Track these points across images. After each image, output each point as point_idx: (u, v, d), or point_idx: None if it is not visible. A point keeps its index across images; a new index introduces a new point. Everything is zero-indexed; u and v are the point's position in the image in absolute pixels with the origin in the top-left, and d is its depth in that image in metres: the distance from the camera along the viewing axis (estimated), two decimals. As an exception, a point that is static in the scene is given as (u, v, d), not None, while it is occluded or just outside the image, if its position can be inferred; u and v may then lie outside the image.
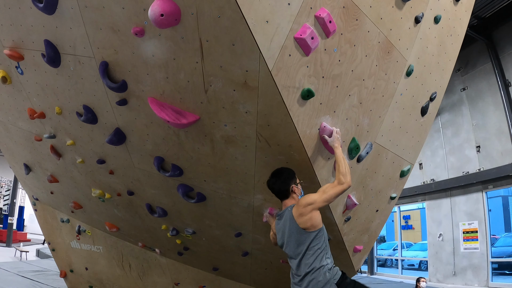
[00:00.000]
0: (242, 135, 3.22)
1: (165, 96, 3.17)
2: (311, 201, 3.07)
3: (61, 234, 8.27)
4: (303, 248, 3.09)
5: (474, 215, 13.53)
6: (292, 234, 3.15)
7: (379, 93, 3.56)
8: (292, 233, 3.14)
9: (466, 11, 4.58)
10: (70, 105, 4.14)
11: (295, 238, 3.13)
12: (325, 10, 2.79)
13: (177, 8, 2.54)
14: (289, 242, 3.19)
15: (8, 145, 6.52)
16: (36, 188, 7.44)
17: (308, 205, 3.06)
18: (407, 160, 4.48)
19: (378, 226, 4.83)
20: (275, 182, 3.25)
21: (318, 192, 3.15)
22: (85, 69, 3.52)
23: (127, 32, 2.88)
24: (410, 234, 18.48)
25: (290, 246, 3.18)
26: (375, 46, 3.31)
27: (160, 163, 3.98)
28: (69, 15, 3.13)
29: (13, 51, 3.90)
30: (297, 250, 3.12)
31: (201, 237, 5.29)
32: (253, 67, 2.65)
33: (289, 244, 3.19)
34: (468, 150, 13.97)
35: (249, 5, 2.41)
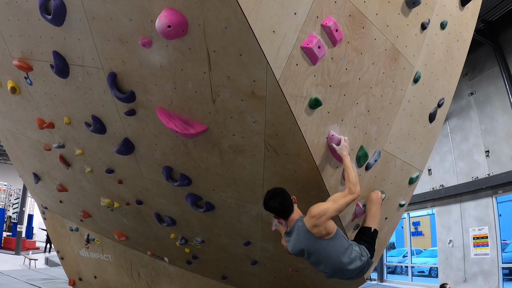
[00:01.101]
0: (250, 144, 3.22)
1: (173, 106, 3.18)
2: (323, 212, 3.08)
3: (70, 243, 8.32)
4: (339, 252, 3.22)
5: (484, 220, 13.37)
6: (319, 248, 3.20)
7: (387, 101, 3.55)
8: (319, 247, 3.19)
9: (472, 16, 4.56)
10: (79, 115, 4.18)
11: (325, 249, 3.20)
12: (331, 19, 2.79)
13: (184, 19, 2.56)
14: (319, 256, 3.25)
15: (17, 155, 6.58)
16: (45, 197, 7.50)
17: (321, 216, 3.07)
18: (415, 167, 4.45)
19: (388, 233, 4.80)
20: (280, 202, 3.22)
21: (328, 201, 3.17)
22: (93, 79, 3.55)
23: (135, 43, 2.91)
24: (420, 241, 18.29)
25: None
26: (382, 54, 3.31)
27: (169, 173, 3.99)
28: (77, 26, 3.17)
29: (22, 62, 3.96)
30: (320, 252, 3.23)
31: (210, 246, 5.29)
32: (260, 77, 2.66)
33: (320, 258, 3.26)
34: (477, 155, 13.83)
35: (255, 16, 2.43)
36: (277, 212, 3.28)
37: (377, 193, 3.77)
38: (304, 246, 3.24)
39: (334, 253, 3.22)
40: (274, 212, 3.28)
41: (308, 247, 3.23)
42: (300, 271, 4.95)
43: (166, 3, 2.56)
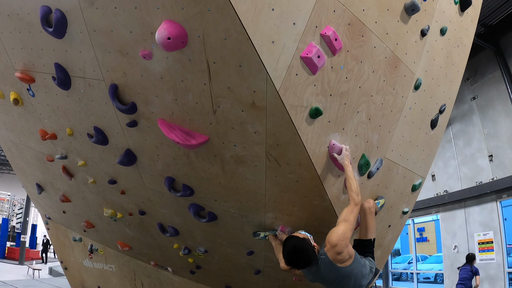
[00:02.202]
0: (251, 154, 3.22)
1: (174, 118, 3.19)
2: (342, 236, 3.04)
3: (73, 253, 8.32)
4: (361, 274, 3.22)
5: (489, 225, 13.29)
6: (342, 275, 3.15)
7: (388, 108, 3.55)
8: (343, 273, 3.14)
9: (472, 21, 4.57)
10: (81, 127, 4.20)
11: (348, 275, 3.17)
12: (330, 28, 2.81)
13: (184, 31, 2.58)
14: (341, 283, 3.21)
15: (20, 165, 6.61)
16: (49, 207, 7.51)
17: (341, 241, 3.03)
18: (418, 174, 4.43)
19: (391, 241, 4.78)
20: (307, 258, 3.09)
21: (340, 223, 3.12)
22: (95, 91, 3.58)
23: (136, 55, 2.93)
24: (425, 247, 18.18)
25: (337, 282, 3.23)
26: (382, 62, 3.31)
27: (171, 183, 3.99)
28: (78, 38, 3.20)
29: (24, 74, 3.99)
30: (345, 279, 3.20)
31: (213, 256, 5.27)
32: (260, 88, 2.67)
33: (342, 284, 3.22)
34: (481, 160, 13.78)
35: (254, 27, 2.44)
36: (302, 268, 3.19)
37: (369, 202, 3.70)
38: (328, 278, 3.19)
39: (358, 276, 3.20)
40: (299, 268, 3.19)
41: (333, 278, 3.18)
42: (304, 280, 4.93)
43: (166, 15, 2.58)
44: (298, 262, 3.08)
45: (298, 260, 3.06)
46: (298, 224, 3.81)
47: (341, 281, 3.18)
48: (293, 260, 3.07)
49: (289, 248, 3.07)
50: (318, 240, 3.38)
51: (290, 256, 3.07)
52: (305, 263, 3.08)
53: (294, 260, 3.07)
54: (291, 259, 3.08)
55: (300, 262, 3.07)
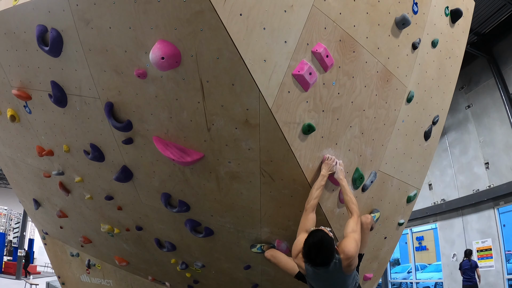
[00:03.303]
0: (246, 171, 3.25)
1: (169, 135, 3.22)
2: (356, 248, 3.02)
3: (71, 268, 8.29)
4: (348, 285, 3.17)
5: (487, 232, 13.28)
6: (340, 283, 3.12)
7: (381, 122, 3.58)
8: (341, 281, 3.12)
9: (464, 32, 4.62)
10: (78, 144, 4.22)
11: (342, 281, 3.12)
12: (321, 45, 2.85)
13: (177, 50, 2.62)
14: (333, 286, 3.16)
15: (17, 181, 6.62)
16: (46, 222, 7.50)
17: (356, 253, 3.00)
18: (413, 185, 4.46)
19: (388, 252, 4.78)
20: (328, 257, 2.92)
21: (351, 236, 3.06)
22: (91, 109, 3.61)
23: (130, 74, 2.97)
24: (425, 255, 18.10)
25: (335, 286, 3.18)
26: (373, 76, 3.36)
27: (167, 199, 4.01)
28: (74, 57, 3.25)
29: (21, 91, 4.02)
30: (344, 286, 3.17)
31: (211, 270, 5.27)
32: (253, 105, 2.71)
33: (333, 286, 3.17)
34: (477, 168, 13.81)
35: (246, 46, 2.48)
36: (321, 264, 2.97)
37: (367, 217, 3.68)
38: (330, 283, 3.12)
39: (350, 284, 3.18)
40: (321, 265, 2.97)
41: (334, 285, 3.12)
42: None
43: (159, 35, 2.63)
44: (318, 257, 2.87)
45: (319, 255, 2.86)
46: (294, 239, 3.81)
47: (340, 283, 3.14)
48: (313, 254, 2.86)
49: (316, 240, 2.86)
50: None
51: (313, 248, 2.85)
52: (324, 261, 2.90)
53: (315, 254, 2.86)
54: (312, 252, 2.86)
55: (320, 257, 2.87)
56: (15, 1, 3.28)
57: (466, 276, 10.65)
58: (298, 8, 2.67)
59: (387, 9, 3.34)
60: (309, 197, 3.14)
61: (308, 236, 2.92)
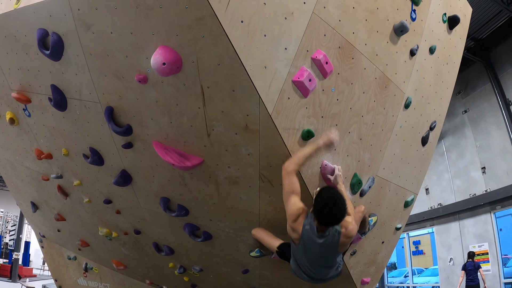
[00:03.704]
0: (245, 176, 3.27)
1: (169, 140, 3.24)
2: (356, 231, 3.09)
3: (68, 271, 8.26)
4: (333, 264, 3.18)
5: (483, 237, 13.32)
6: (329, 259, 3.10)
7: (379, 128, 3.61)
8: (330, 258, 3.10)
9: (461, 38, 4.65)
10: (77, 147, 4.23)
11: (331, 258, 3.11)
12: (321, 52, 2.88)
13: (178, 56, 2.64)
14: (321, 259, 3.08)
15: (15, 184, 6.60)
16: (43, 225, 7.47)
17: (355, 235, 3.08)
18: (410, 190, 4.48)
19: (385, 257, 4.80)
20: (340, 216, 2.86)
21: (350, 218, 3.06)
22: (91, 113, 3.62)
23: (131, 79, 2.99)
24: (421, 260, 18.12)
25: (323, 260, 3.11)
26: (372, 82, 3.38)
27: (166, 204, 4.03)
28: (74, 61, 3.26)
29: (20, 94, 4.03)
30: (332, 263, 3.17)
31: (209, 274, 5.28)
32: (253, 111, 2.73)
33: (322, 260, 3.09)
34: (474, 172, 13.87)
35: (247, 52, 2.51)
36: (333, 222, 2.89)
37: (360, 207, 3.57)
38: (320, 256, 3.04)
39: (334, 267, 3.18)
40: (333, 224, 2.89)
41: (323, 259, 3.08)
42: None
43: (161, 41, 2.65)
44: (332, 213, 2.79)
45: (333, 211, 2.78)
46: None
47: (325, 264, 3.13)
48: (328, 210, 2.77)
49: (330, 195, 2.81)
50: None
51: (327, 203, 2.77)
52: (338, 217, 2.83)
53: (329, 210, 2.77)
54: (326, 208, 2.77)
55: (334, 213, 2.79)
56: (16, 4, 3.28)
57: (470, 276, 10.97)
58: (298, 15, 2.70)
59: (385, 16, 3.36)
60: (296, 159, 2.88)
61: (320, 193, 2.89)
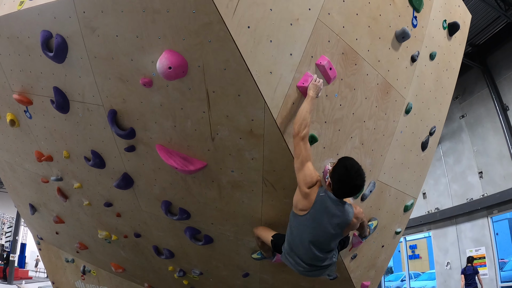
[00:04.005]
0: (248, 180, 3.28)
1: (172, 144, 3.25)
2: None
3: (65, 274, 8.23)
4: (331, 248, 3.09)
5: (480, 241, 13.38)
6: (334, 234, 2.99)
7: (380, 133, 3.64)
8: (335, 233, 2.99)
9: (460, 45, 4.70)
10: (78, 150, 4.22)
11: (334, 237, 3.02)
12: (325, 58, 2.91)
13: (184, 61, 2.66)
14: (325, 235, 2.98)
15: (14, 185, 6.57)
16: (41, 228, 7.44)
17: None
18: (410, 194, 4.52)
19: (385, 261, 4.83)
20: (361, 185, 2.86)
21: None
22: (93, 116, 3.62)
23: (136, 82, 3.00)
24: (418, 264, 18.19)
25: (325, 239, 3.00)
26: (374, 88, 3.42)
27: (168, 207, 4.03)
28: (78, 64, 3.26)
29: (22, 96, 4.01)
30: (329, 247, 3.08)
31: (208, 278, 5.27)
32: (258, 116, 2.75)
33: (324, 236, 2.99)
34: (471, 177, 13.94)
35: (253, 58, 2.53)
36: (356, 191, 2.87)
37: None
38: (323, 233, 2.95)
39: (333, 248, 3.12)
40: (353, 193, 2.88)
41: (326, 239, 2.99)
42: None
43: (167, 45, 2.66)
44: (358, 178, 2.81)
45: (359, 176, 2.81)
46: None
47: (325, 245, 3.04)
48: (354, 173, 2.79)
49: (353, 162, 2.85)
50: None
51: (353, 168, 2.80)
52: (362, 183, 2.85)
53: (356, 174, 2.79)
54: (352, 171, 2.79)
55: (360, 178, 2.81)
56: (20, 5, 3.26)
57: (469, 281, 11.33)
58: (304, 22, 2.73)
59: (388, 23, 3.40)
60: (302, 121, 2.74)
61: (341, 160, 2.88)
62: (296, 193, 2.92)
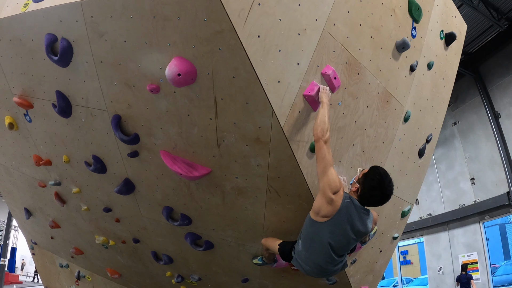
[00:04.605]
0: (253, 186, 3.32)
1: (177, 150, 3.27)
2: None
3: (59, 279, 8.14)
4: (347, 252, 3.20)
5: (472, 246, 13.54)
6: (355, 239, 3.07)
7: (380, 140, 3.71)
8: (356, 239, 3.07)
9: (456, 54, 4.80)
10: (79, 155, 4.20)
11: (355, 242, 3.10)
12: (330, 67, 2.96)
13: (194, 68, 2.68)
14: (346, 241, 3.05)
15: (9, 189, 6.49)
16: (36, 232, 7.35)
17: None
18: (407, 200, 4.59)
19: (382, 265, 4.88)
20: (391, 192, 2.99)
21: None
22: (96, 121, 3.61)
23: (142, 88, 3.00)
24: (409, 269, 18.31)
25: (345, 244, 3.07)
26: (375, 97, 3.49)
27: (169, 213, 4.03)
28: (83, 69, 3.24)
29: (22, 99, 3.96)
30: (347, 251, 3.18)
31: (207, 284, 5.27)
32: (265, 124, 2.79)
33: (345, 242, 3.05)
34: (463, 183, 14.12)
35: (262, 67, 2.57)
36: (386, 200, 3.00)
37: None
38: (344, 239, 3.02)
39: (348, 250, 3.20)
40: (382, 202, 3.00)
41: (346, 244, 3.06)
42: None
43: (176, 52, 2.68)
44: (390, 186, 2.95)
45: (391, 184, 2.94)
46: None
47: (345, 249, 3.12)
48: (387, 181, 2.93)
49: (387, 173, 2.96)
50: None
51: (386, 176, 2.93)
52: (388, 197, 2.98)
53: (388, 182, 2.93)
54: (386, 179, 2.92)
55: (391, 186, 2.95)
56: (24, 7, 3.23)
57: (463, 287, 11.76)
58: (311, 32, 2.78)
59: (389, 33, 3.47)
60: (324, 125, 2.78)
61: (375, 168, 3.01)
62: (318, 199, 2.91)
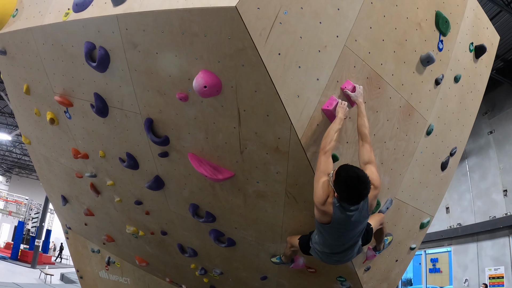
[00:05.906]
0: (272, 191, 3.49)
1: (204, 153, 3.49)
2: (379, 178, 3.10)
3: (90, 263, 8.50)
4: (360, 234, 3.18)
5: (500, 260, 13.18)
6: (362, 223, 3.07)
7: (400, 153, 3.76)
8: (360, 229, 3.09)
9: (487, 67, 4.68)
10: (114, 151, 4.48)
11: (363, 226, 3.11)
12: (350, 82, 3.07)
13: (219, 81, 2.86)
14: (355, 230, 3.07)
15: (48, 177, 6.86)
16: (71, 218, 7.75)
17: (380, 183, 3.11)
18: (427, 212, 4.60)
19: (398, 274, 4.92)
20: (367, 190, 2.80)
21: (369, 166, 3.04)
22: (130, 122, 3.86)
23: (172, 96, 3.22)
24: (438, 278, 17.89)
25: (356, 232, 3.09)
26: (396, 111, 3.54)
27: (195, 210, 4.27)
28: (119, 75, 3.49)
29: (63, 98, 4.26)
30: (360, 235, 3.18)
31: (228, 278, 5.49)
32: (284, 135, 2.95)
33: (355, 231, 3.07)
34: (495, 194, 13.74)
35: (282, 82, 2.72)
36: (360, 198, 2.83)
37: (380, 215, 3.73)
38: (350, 232, 3.04)
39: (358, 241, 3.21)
40: (363, 196, 2.82)
41: (352, 233, 3.07)
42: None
43: (203, 66, 2.86)
44: (360, 188, 2.76)
45: (361, 185, 2.74)
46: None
47: (357, 233, 3.11)
48: (356, 185, 2.73)
49: (351, 172, 2.76)
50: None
51: (354, 183, 2.72)
52: (367, 189, 2.78)
53: (357, 185, 2.73)
54: (353, 183, 2.72)
55: (362, 187, 2.75)
56: (65, 16, 3.49)
57: None
58: (331, 48, 2.89)
59: (413, 48, 3.48)
60: (327, 138, 2.86)
61: (339, 172, 2.80)
62: (315, 209, 3.03)
